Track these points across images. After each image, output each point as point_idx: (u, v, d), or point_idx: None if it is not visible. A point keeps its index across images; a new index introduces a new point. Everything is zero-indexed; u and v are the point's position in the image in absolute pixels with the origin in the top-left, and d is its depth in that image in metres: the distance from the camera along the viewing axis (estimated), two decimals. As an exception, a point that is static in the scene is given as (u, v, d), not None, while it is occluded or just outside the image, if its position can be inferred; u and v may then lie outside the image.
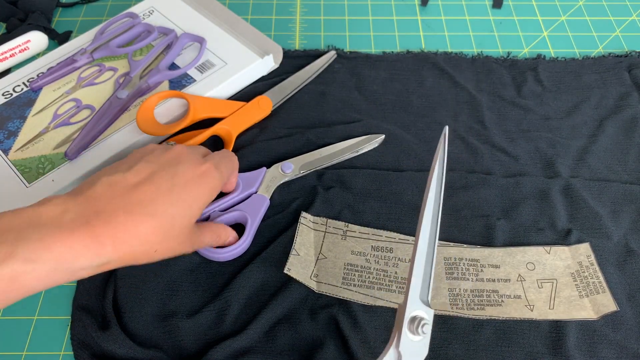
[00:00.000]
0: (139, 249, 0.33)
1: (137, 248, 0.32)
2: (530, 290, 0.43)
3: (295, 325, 0.41)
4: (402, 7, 0.66)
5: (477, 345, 0.40)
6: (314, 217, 0.46)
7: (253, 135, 0.52)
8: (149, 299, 0.42)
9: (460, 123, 0.54)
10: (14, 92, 0.54)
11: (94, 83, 0.54)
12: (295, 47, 0.61)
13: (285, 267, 0.43)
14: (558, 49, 0.61)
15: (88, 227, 0.31)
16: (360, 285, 0.43)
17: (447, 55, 0.60)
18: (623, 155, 0.51)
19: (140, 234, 0.32)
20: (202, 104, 0.51)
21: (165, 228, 0.34)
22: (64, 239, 0.29)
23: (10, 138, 0.50)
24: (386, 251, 0.45)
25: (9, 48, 0.58)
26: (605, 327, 0.41)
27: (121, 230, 0.31)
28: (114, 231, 0.31)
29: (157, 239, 0.33)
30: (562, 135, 0.53)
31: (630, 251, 0.45)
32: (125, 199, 0.33)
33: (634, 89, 0.56)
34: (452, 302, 0.42)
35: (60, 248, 0.29)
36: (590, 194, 0.48)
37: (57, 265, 0.29)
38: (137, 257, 0.33)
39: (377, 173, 0.49)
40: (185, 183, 0.36)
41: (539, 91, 0.56)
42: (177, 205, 0.34)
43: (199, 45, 0.57)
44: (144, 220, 0.33)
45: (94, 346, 0.40)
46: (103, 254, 0.31)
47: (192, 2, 0.62)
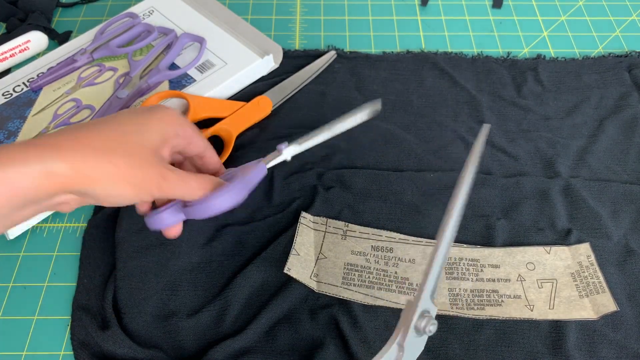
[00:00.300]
0: (95, 166, 0.31)
1: (92, 163, 0.30)
2: (530, 290, 0.43)
3: (295, 325, 0.41)
4: (402, 7, 0.66)
5: (477, 345, 0.40)
6: (314, 217, 0.46)
7: (253, 135, 0.52)
8: (149, 299, 0.42)
9: (460, 123, 0.54)
10: (14, 92, 0.54)
11: (94, 83, 0.54)
12: (295, 47, 0.61)
13: (285, 267, 0.43)
14: (558, 49, 0.61)
15: (38, 139, 0.30)
16: (360, 285, 0.43)
17: (447, 55, 0.60)
18: (623, 155, 0.51)
19: (92, 143, 0.31)
20: (202, 104, 0.51)
21: (120, 141, 0.32)
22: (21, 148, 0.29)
23: (10, 138, 0.50)
24: (386, 251, 0.45)
25: (9, 48, 0.58)
26: (605, 327, 0.41)
27: (71, 139, 0.31)
28: (62, 137, 0.30)
29: (113, 154, 0.31)
30: (562, 135, 0.53)
31: (630, 251, 0.45)
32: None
33: (634, 89, 0.56)
34: (452, 302, 0.42)
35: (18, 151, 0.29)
36: (590, 194, 0.48)
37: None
38: (94, 178, 0.30)
39: (377, 173, 0.49)
40: (138, 111, 0.36)
41: (539, 91, 0.56)
42: (130, 123, 0.34)
43: (199, 45, 0.57)
44: (97, 130, 0.32)
45: (94, 346, 0.40)
46: (48, 157, 0.29)
47: (192, 2, 0.62)
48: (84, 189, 0.31)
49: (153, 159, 0.33)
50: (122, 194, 0.32)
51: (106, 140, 0.32)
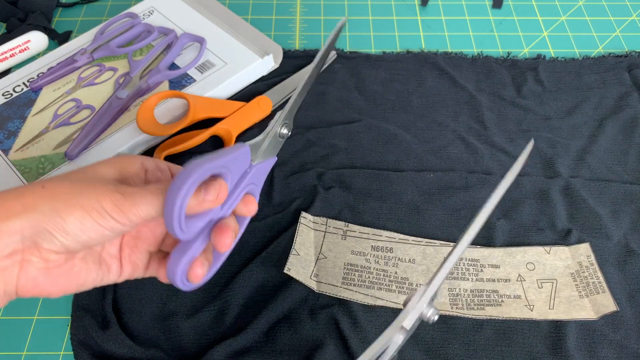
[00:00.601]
0: (45, 205, 0.28)
1: (42, 203, 0.28)
2: (530, 290, 0.43)
3: (295, 325, 0.41)
4: (402, 7, 0.66)
5: (477, 345, 0.40)
6: (314, 217, 0.46)
7: (253, 135, 0.52)
8: (149, 299, 0.42)
9: (460, 123, 0.54)
10: (14, 92, 0.54)
11: (94, 83, 0.54)
12: (295, 47, 0.61)
13: (285, 267, 0.43)
14: (558, 49, 0.61)
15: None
16: (360, 285, 0.43)
17: (447, 56, 0.60)
18: (623, 155, 0.51)
19: (46, 188, 0.29)
20: (202, 104, 0.51)
21: (73, 178, 0.30)
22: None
23: (10, 138, 0.50)
24: (386, 251, 0.45)
25: (9, 48, 0.58)
26: (605, 327, 0.41)
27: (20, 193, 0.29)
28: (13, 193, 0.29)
29: (64, 189, 0.29)
30: (562, 135, 0.53)
31: (630, 251, 0.45)
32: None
33: (634, 89, 0.56)
34: (452, 302, 0.42)
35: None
36: (590, 194, 0.48)
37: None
38: (46, 222, 0.28)
39: (377, 173, 0.49)
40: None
41: (539, 91, 0.56)
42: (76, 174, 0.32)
43: (199, 45, 0.57)
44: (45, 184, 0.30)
45: (94, 346, 0.40)
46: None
47: (192, 2, 0.62)
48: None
49: (104, 182, 0.30)
50: (80, 222, 0.29)
51: (60, 183, 0.30)
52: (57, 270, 0.30)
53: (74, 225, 0.28)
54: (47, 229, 0.28)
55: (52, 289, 0.30)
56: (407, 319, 0.30)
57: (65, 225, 0.28)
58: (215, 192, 0.31)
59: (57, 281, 0.30)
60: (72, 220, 0.28)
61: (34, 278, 0.29)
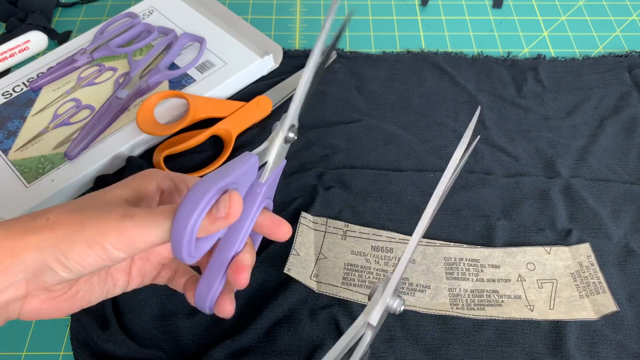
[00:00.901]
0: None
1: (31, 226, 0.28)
2: (530, 290, 0.43)
3: (295, 325, 0.41)
4: (402, 7, 0.66)
5: (477, 345, 0.40)
6: (314, 217, 0.46)
7: (253, 135, 0.52)
8: (149, 299, 0.42)
9: (460, 123, 0.54)
10: (13, 92, 0.53)
11: (93, 83, 0.54)
12: (295, 47, 0.61)
13: (285, 267, 0.43)
14: (558, 49, 0.61)
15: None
16: (360, 285, 0.43)
17: (447, 55, 0.60)
18: (623, 155, 0.51)
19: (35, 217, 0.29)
20: (202, 103, 0.51)
21: (80, 207, 0.29)
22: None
23: (10, 138, 0.50)
24: (386, 251, 0.45)
25: (9, 48, 0.58)
26: (606, 327, 0.41)
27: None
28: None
29: (67, 222, 0.28)
30: (562, 135, 0.53)
31: (630, 251, 0.44)
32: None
33: (634, 89, 0.56)
34: (452, 302, 0.42)
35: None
36: (591, 194, 0.48)
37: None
38: (47, 260, 0.27)
39: (377, 173, 0.49)
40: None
41: (539, 91, 0.56)
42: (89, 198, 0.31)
43: (199, 45, 0.57)
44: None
45: (93, 346, 0.40)
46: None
47: (192, 2, 0.62)
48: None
49: (112, 208, 0.29)
50: (82, 258, 0.28)
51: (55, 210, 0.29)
52: (61, 298, 0.30)
53: (75, 261, 0.27)
54: (49, 266, 0.27)
55: (55, 314, 0.30)
56: (373, 313, 0.30)
57: (67, 262, 0.27)
58: (225, 207, 0.28)
59: (60, 307, 0.30)
60: (74, 256, 0.27)
61: (37, 308, 0.29)
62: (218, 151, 0.51)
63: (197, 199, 0.27)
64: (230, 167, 0.30)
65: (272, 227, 0.34)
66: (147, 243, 0.28)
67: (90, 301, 0.32)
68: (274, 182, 0.35)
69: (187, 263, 0.28)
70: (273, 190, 0.35)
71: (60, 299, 0.30)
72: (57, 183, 0.47)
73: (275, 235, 0.35)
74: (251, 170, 0.32)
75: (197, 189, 0.27)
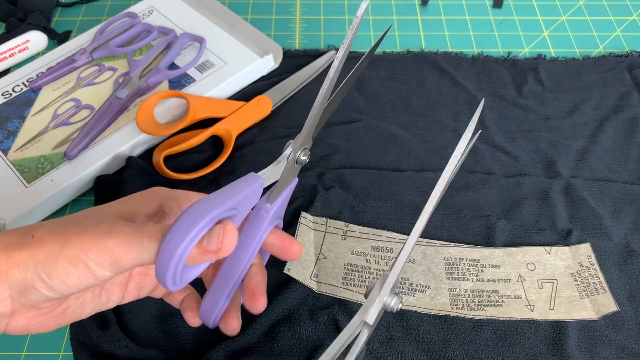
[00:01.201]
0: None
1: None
2: (530, 290, 0.43)
3: (295, 325, 0.41)
4: (402, 7, 0.66)
5: (477, 345, 0.40)
6: (314, 217, 0.46)
7: (253, 135, 0.52)
8: (149, 299, 0.41)
9: (461, 123, 0.54)
10: (13, 92, 0.53)
11: (93, 83, 0.54)
12: (295, 46, 0.61)
13: (285, 267, 0.42)
14: (558, 49, 0.61)
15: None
16: (361, 285, 0.43)
17: (448, 55, 0.59)
18: (624, 155, 0.51)
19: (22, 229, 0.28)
20: (202, 103, 0.51)
21: (68, 223, 0.28)
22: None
23: (9, 138, 0.50)
24: (386, 251, 0.45)
25: (9, 48, 0.58)
26: (606, 327, 0.41)
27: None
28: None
29: (52, 239, 0.27)
30: (562, 135, 0.53)
31: (630, 251, 0.44)
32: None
33: (635, 89, 0.56)
34: (452, 303, 0.42)
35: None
36: (591, 194, 0.48)
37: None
38: (30, 279, 0.26)
39: (377, 173, 0.49)
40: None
41: (540, 91, 0.56)
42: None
43: (199, 45, 0.57)
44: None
45: (93, 346, 0.40)
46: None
47: (192, 2, 0.62)
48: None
49: (99, 223, 0.27)
50: (64, 276, 0.26)
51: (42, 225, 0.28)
52: (49, 314, 0.29)
53: (59, 280, 0.26)
54: (33, 285, 0.26)
55: (43, 329, 0.29)
56: (370, 311, 0.29)
57: (50, 282, 0.26)
58: (217, 241, 0.26)
59: (48, 323, 0.29)
60: (57, 275, 0.26)
61: (23, 325, 0.28)
62: (218, 151, 0.51)
63: (188, 225, 0.25)
64: (232, 190, 0.28)
65: (283, 248, 0.33)
66: (131, 263, 0.26)
67: (81, 316, 0.31)
68: (284, 202, 0.33)
69: (170, 290, 0.27)
70: (284, 209, 0.34)
71: (49, 315, 0.29)
72: (57, 183, 0.47)
73: (286, 256, 0.34)
74: (255, 193, 0.30)
75: (190, 214, 0.25)
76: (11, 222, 0.45)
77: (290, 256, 0.34)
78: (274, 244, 0.33)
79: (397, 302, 0.30)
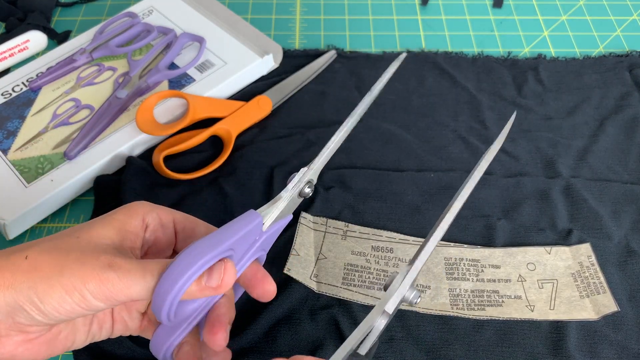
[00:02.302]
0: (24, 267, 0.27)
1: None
2: (530, 290, 0.43)
3: (295, 325, 0.41)
4: (403, 7, 0.66)
5: (477, 345, 0.40)
6: (314, 217, 0.46)
7: (253, 135, 0.52)
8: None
9: (461, 123, 0.54)
10: (13, 92, 0.53)
11: (93, 83, 0.54)
12: (295, 46, 0.61)
13: (285, 267, 0.42)
14: (559, 49, 0.61)
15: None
16: (361, 286, 0.43)
17: (448, 55, 0.59)
18: (624, 155, 0.51)
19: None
20: (202, 103, 0.51)
21: (61, 247, 0.28)
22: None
23: (9, 138, 0.50)
24: (386, 251, 0.45)
25: (8, 48, 0.58)
26: (606, 327, 0.41)
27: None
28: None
29: (47, 262, 0.27)
30: (562, 135, 0.53)
31: (631, 251, 0.44)
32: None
33: (635, 89, 0.56)
34: (452, 303, 0.42)
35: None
36: (591, 194, 0.48)
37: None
38: (22, 301, 0.26)
39: (377, 173, 0.49)
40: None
41: (540, 91, 0.56)
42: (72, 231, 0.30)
43: (199, 45, 0.57)
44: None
45: (93, 347, 0.39)
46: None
47: (192, 2, 0.62)
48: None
49: (97, 252, 0.27)
50: (58, 304, 0.26)
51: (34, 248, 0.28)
52: (38, 340, 0.28)
53: (51, 306, 0.26)
54: (23, 308, 0.26)
55: (33, 357, 0.29)
56: (390, 302, 0.29)
57: (42, 307, 0.26)
58: (219, 278, 0.27)
59: (38, 351, 0.29)
60: (50, 301, 0.26)
61: (11, 351, 0.28)
62: (218, 151, 0.51)
63: (187, 264, 0.26)
64: (231, 229, 0.28)
65: (254, 280, 0.32)
66: (128, 297, 0.27)
67: (73, 345, 0.30)
68: (273, 235, 0.33)
69: (167, 325, 0.27)
70: (270, 244, 0.33)
71: (38, 341, 0.28)
72: (57, 183, 0.47)
73: (255, 291, 0.32)
74: (253, 232, 0.30)
75: (189, 253, 0.26)
76: (11, 221, 0.45)
77: (259, 292, 0.32)
78: (247, 274, 0.32)
79: (417, 296, 0.29)
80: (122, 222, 0.30)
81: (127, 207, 0.32)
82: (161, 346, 0.30)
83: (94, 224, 0.30)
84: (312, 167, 0.32)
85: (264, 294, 0.32)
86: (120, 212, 0.31)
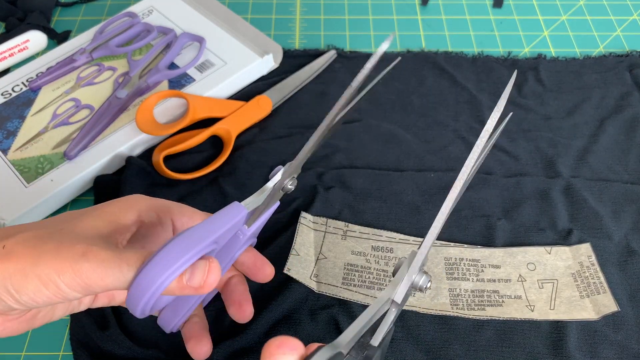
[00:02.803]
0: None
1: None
2: (530, 290, 0.43)
3: (295, 325, 0.41)
4: (403, 7, 0.66)
5: (477, 345, 0.40)
6: (314, 217, 0.46)
7: (253, 135, 0.52)
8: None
9: (461, 123, 0.54)
10: (13, 92, 0.53)
11: (93, 83, 0.54)
12: (295, 46, 0.61)
13: (285, 267, 0.42)
14: (559, 49, 0.61)
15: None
16: (361, 286, 0.43)
17: (448, 55, 0.59)
18: (624, 155, 0.51)
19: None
20: (202, 103, 0.51)
21: (42, 235, 0.27)
22: None
23: (9, 138, 0.50)
24: (386, 251, 0.45)
25: (8, 48, 0.58)
26: (606, 327, 0.41)
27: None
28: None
29: (24, 252, 0.26)
30: (562, 135, 0.53)
31: (631, 251, 0.44)
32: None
33: (635, 89, 0.56)
34: (452, 303, 0.42)
35: None
36: (591, 194, 0.48)
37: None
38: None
39: (377, 173, 0.49)
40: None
41: (540, 91, 0.56)
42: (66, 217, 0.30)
43: (199, 45, 0.57)
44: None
45: (93, 347, 0.39)
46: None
47: (192, 2, 0.62)
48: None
49: (75, 241, 0.27)
50: (33, 294, 0.26)
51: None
52: (18, 319, 0.29)
53: (27, 297, 0.26)
54: (0, 297, 0.26)
55: (14, 333, 0.29)
56: (399, 290, 0.27)
57: (18, 297, 0.26)
58: (202, 278, 0.26)
59: (18, 328, 0.29)
60: (26, 292, 0.26)
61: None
62: (218, 151, 0.51)
63: (169, 260, 0.25)
64: (216, 222, 0.28)
65: (254, 268, 0.33)
66: (104, 288, 0.26)
67: (52, 318, 0.31)
68: (262, 223, 0.33)
69: (138, 317, 0.27)
70: (260, 229, 0.33)
71: (18, 320, 0.29)
72: (57, 183, 0.47)
73: (257, 277, 0.33)
74: (236, 225, 0.30)
75: (172, 248, 0.25)
76: (11, 221, 0.45)
77: (261, 277, 0.33)
78: (246, 263, 0.33)
79: (426, 280, 0.28)
80: (115, 215, 0.30)
81: (123, 201, 0.31)
82: (170, 322, 0.31)
83: (85, 213, 0.30)
84: (295, 162, 0.33)
85: (265, 278, 0.33)
86: (114, 204, 0.31)
